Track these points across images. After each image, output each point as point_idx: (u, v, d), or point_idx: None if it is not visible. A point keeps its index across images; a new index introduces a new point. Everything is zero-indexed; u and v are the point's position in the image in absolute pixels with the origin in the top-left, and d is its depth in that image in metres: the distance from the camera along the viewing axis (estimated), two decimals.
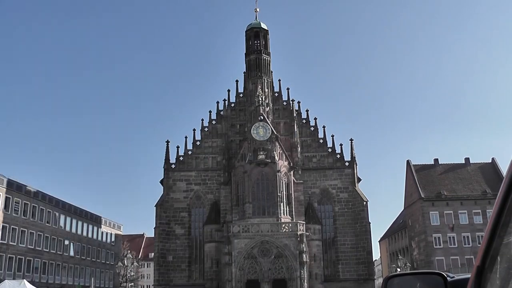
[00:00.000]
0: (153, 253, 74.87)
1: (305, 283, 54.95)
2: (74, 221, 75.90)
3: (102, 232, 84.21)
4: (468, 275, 2.82)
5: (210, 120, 68.58)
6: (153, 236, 70.15)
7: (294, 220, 58.87)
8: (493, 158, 77.09)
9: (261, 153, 60.06)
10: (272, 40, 71.26)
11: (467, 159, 77.35)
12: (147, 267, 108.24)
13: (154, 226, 64.55)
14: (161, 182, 66.51)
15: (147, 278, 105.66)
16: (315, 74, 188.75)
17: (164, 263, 63.25)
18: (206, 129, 68.21)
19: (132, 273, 53.99)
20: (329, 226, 64.98)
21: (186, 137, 67.58)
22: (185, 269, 63.64)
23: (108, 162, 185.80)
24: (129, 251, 56.66)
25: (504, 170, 56.71)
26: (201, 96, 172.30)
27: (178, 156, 66.87)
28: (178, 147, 67.22)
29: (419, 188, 72.64)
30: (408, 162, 77.86)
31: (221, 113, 68.63)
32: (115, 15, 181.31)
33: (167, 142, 67.16)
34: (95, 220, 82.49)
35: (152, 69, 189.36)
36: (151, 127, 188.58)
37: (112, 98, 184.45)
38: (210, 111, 68.88)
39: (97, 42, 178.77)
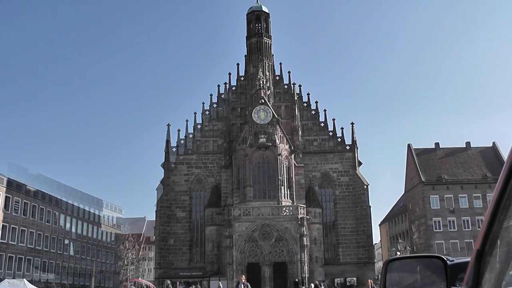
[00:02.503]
0: (154, 236, 75.20)
1: (306, 266, 55.26)
2: (74, 221, 75.61)
3: (102, 232, 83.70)
4: (468, 259, 2.83)
5: (211, 104, 68.46)
6: (154, 219, 70.39)
7: (294, 203, 59.04)
8: (494, 142, 77.01)
9: (262, 136, 60.08)
10: (273, 23, 71.08)
11: (468, 143, 77.26)
12: (148, 250, 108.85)
13: (155, 209, 64.78)
14: (162, 165, 66.55)
15: (148, 261, 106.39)
16: (316, 58, 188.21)
17: (165, 246, 63.55)
18: (207, 112, 68.10)
19: (132, 273, 53.95)
20: (330, 209, 65.18)
21: (187, 121, 67.62)
22: (186, 252, 63.93)
23: (109, 146, 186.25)
24: (129, 250, 56.21)
25: (505, 155, 56.74)
26: (202, 79, 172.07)
27: (179, 140, 66.87)
28: (179, 130, 67.22)
29: (420, 172, 72.69)
30: (409, 145, 77.84)
31: (222, 96, 68.50)
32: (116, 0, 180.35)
33: (168, 125, 67.20)
34: (97, 203, 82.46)
35: (153, 53, 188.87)
36: (152, 110, 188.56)
37: (112, 83, 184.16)
38: (211, 94, 68.84)
39: (99, 28, 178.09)
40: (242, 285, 31.81)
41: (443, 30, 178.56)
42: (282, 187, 59.65)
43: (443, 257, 3.64)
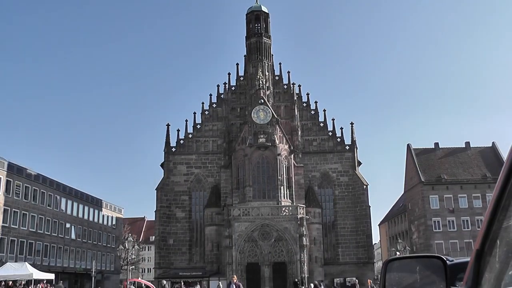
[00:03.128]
0: (154, 236, 75.11)
1: (305, 266, 55.23)
2: (75, 204, 75.83)
3: (103, 215, 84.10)
4: (468, 259, 2.83)
5: (211, 104, 68.43)
6: (153, 219, 70.35)
7: (294, 203, 59.02)
8: (493, 142, 77.06)
9: (262, 136, 60.07)
10: (273, 23, 71.05)
11: (467, 143, 77.29)
12: (148, 250, 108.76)
13: (155, 209, 64.75)
14: (162, 165, 66.55)
15: (148, 261, 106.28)
16: (316, 58, 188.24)
17: (164, 246, 63.53)
18: (206, 112, 68.09)
19: (133, 256, 54.23)
20: (329, 209, 65.18)
21: (186, 121, 67.60)
22: (185, 252, 63.92)
23: (109, 146, 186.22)
24: (130, 234, 56.82)
25: (504, 154, 56.71)
26: (201, 79, 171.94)
27: (178, 140, 66.85)
28: (178, 130, 67.22)
29: (419, 172, 72.69)
30: (408, 146, 77.86)
31: (222, 96, 68.47)
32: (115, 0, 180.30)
33: (168, 125, 67.18)
34: (96, 203, 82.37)
35: (152, 53, 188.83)
36: (152, 110, 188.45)
37: (112, 83, 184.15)
38: (210, 95, 68.81)
39: (99, 29, 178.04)
40: (234, 285, 31.65)
41: (443, 30, 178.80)
42: (282, 187, 59.64)
43: (442, 257, 3.64)
